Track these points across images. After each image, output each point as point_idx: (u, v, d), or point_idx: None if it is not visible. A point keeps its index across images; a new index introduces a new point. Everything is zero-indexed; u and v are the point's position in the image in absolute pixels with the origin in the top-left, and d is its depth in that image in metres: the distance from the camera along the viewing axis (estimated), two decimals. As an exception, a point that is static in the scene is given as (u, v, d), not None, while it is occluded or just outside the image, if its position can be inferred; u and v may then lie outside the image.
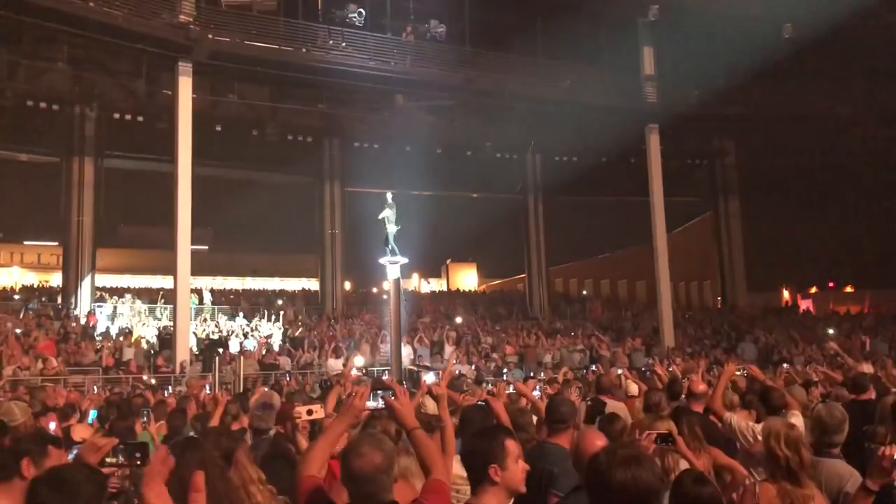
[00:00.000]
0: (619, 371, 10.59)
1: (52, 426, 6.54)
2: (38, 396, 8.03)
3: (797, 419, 5.51)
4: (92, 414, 7.96)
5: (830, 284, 35.19)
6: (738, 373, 10.24)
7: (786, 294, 34.56)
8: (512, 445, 3.24)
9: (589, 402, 7.36)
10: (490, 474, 3.10)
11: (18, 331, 20.08)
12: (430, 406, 5.14)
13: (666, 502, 3.26)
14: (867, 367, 13.39)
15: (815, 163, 30.22)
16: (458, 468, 4.14)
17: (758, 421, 5.65)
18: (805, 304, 34.27)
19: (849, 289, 35.20)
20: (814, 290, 35.46)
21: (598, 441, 3.73)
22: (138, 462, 3.02)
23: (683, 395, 7.13)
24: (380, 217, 19.39)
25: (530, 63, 24.78)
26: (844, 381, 8.52)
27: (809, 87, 27.51)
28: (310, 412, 4.35)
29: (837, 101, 27.06)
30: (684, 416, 5.02)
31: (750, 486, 4.00)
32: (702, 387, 6.65)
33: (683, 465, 4.27)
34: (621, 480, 2.35)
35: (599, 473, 2.42)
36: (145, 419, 7.00)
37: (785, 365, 13.41)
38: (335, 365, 19.59)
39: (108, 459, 2.99)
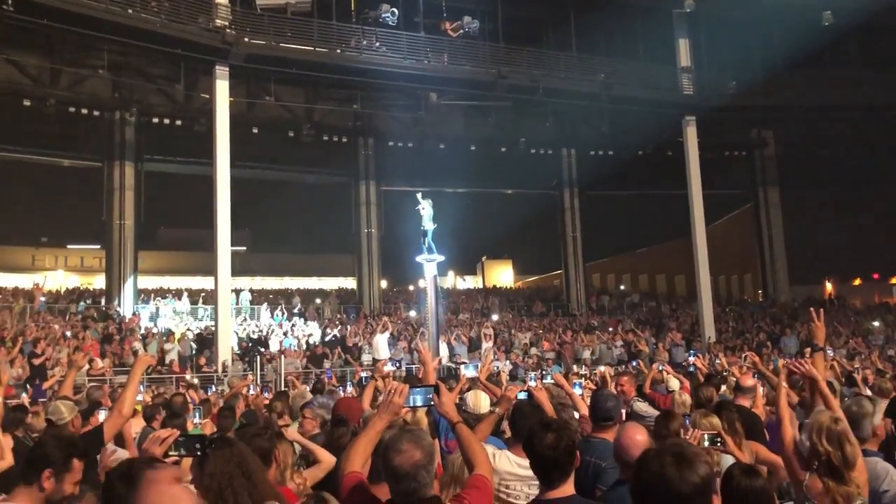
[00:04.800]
0: (661, 367, 10.48)
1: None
2: (94, 395, 8.28)
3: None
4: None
5: (875, 276, 34.43)
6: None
7: (829, 286, 33.85)
8: None
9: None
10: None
11: (68, 333, 20.51)
12: (475, 404, 5.14)
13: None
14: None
15: (856, 152, 29.65)
16: (507, 465, 4.16)
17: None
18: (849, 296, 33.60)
19: (894, 280, 34.42)
20: (858, 281, 34.72)
21: (638, 435, 3.71)
22: (198, 453, 3.12)
23: (731, 390, 7.06)
24: (420, 211, 19.19)
25: (564, 58, 24.66)
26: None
27: (849, 75, 27.00)
28: None
29: (878, 89, 26.50)
30: (724, 412, 4.99)
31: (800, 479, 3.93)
32: (750, 381, 6.58)
33: (725, 463, 4.22)
34: (671, 478, 2.29)
35: (649, 471, 2.36)
36: (196, 419, 7.07)
37: (830, 353, 13.10)
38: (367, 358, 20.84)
39: (170, 452, 3.10)
